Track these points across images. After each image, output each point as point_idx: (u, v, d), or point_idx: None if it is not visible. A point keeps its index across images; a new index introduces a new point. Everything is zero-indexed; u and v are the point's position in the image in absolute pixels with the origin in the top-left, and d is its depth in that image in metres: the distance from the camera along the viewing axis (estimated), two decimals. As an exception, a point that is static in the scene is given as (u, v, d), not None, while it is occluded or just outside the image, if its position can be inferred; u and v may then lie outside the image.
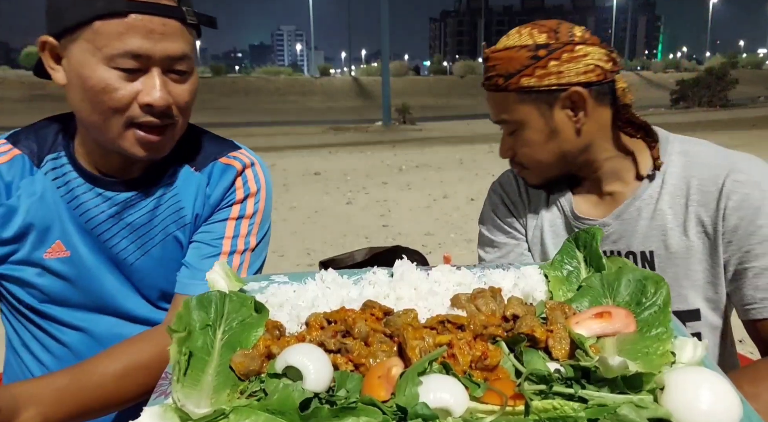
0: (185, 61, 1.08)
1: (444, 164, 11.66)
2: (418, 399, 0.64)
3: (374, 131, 22.92)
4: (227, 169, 1.25)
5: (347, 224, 6.81)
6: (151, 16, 1.01)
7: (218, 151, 1.27)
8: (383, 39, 25.95)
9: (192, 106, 1.15)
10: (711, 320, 1.26)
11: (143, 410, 0.68)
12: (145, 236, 1.21)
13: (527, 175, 1.35)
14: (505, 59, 1.22)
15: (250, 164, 1.27)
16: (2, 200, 1.15)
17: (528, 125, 1.25)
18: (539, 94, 1.22)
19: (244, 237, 1.25)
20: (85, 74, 1.03)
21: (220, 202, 1.24)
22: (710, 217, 1.20)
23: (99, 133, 1.10)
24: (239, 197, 1.25)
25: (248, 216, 1.25)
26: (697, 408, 0.64)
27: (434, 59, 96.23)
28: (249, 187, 1.26)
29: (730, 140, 11.53)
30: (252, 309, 0.85)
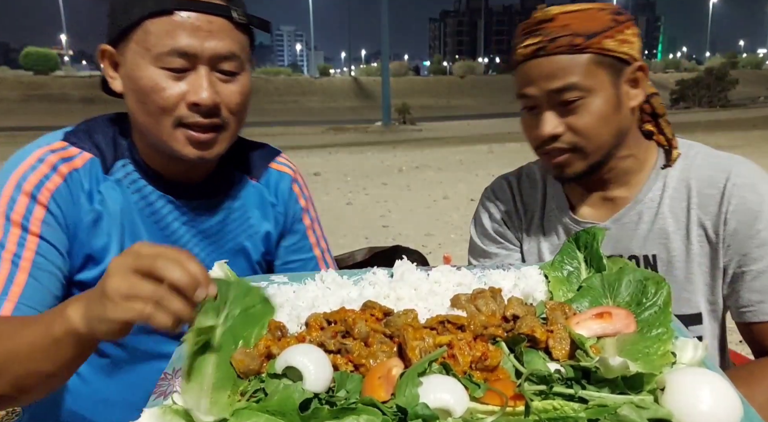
0: (233, 61, 1.07)
1: (444, 165, 11.65)
2: (419, 400, 0.64)
3: (374, 132, 22.92)
4: (282, 176, 1.31)
5: (347, 225, 6.80)
6: (197, 13, 1.02)
7: (266, 156, 1.32)
8: (383, 39, 25.95)
9: (245, 110, 1.14)
10: (711, 323, 1.26)
11: (143, 411, 0.68)
12: (215, 244, 1.21)
13: (569, 161, 1.20)
14: (583, 18, 1.15)
15: (296, 170, 1.36)
16: (89, 205, 1.10)
17: (598, 93, 1.15)
18: (614, 60, 1.15)
19: (321, 238, 1.39)
20: (136, 75, 1.04)
21: (288, 215, 1.31)
22: (711, 221, 1.20)
23: (151, 135, 1.09)
24: (304, 206, 1.34)
25: (314, 219, 1.37)
26: (698, 409, 0.64)
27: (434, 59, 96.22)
28: (305, 193, 1.35)
29: (730, 140, 11.54)
30: (256, 300, 0.84)
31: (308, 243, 1.35)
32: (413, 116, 27.29)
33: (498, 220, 1.42)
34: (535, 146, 1.24)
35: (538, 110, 1.19)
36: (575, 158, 1.20)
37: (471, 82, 56.36)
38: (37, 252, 1.03)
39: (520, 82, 1.21)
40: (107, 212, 1.11)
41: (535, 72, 1.17)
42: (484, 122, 25.44)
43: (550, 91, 1.16)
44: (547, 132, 1.17)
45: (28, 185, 1.05)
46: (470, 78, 58.25)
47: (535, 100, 1.18)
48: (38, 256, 1.03)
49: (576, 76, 1.14)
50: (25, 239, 1.03)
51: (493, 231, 1.42)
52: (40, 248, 1.03)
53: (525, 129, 1.26)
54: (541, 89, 1.16)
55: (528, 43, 1.17)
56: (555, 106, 1.17)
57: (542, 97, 1.17)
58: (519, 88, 1.21)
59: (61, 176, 1.08)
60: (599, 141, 1.18)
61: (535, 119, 1.21)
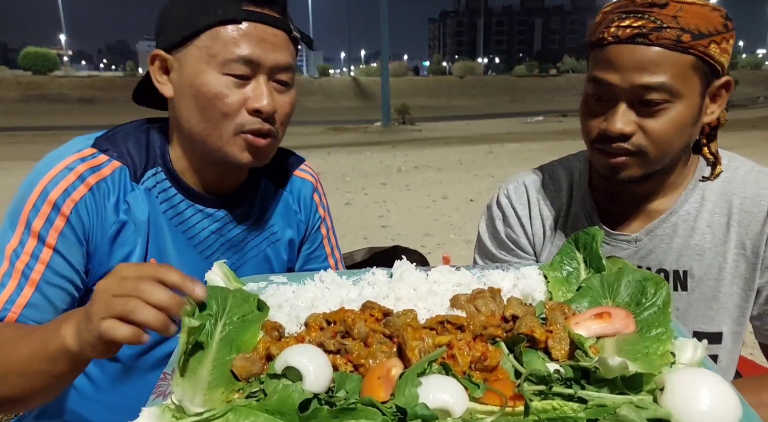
0: (289, 72, 1.11)
1: (443, 165, 11.65)
2: (418, 400, 0.64)
3: (373, 132, 22.91)
4: (304, 184, 1.34)
5: (346, 225, 6.80)
6: (264, 25, 1.06)
7: (292, 164, 1.34)
8: (383, 39, 25.94)
9: (290, 119, 1.17)
10: (731, 343, 1.22)
11: (142, 410, 0.68)
12: (240, 252, 1.23)
13: (628, 164, 1.10)
14: (696, 14, 1.03)
15: (318, 178, 1.38)
16: (115, 216, 1.10)
17: (685, 99, 1.04)
18: (709, 68, 1.05)
19: (336, 248, 1.41)
20: (198, 81, 1.06)
21: (309, 223, 1.34)
22: (752, 240, 1.15)
23: (206, 142, 1.10)
24: (322, 215, 1.37)
25: (330, 228, 1.40)
26: (697, 409, 0.64)
27: (433, 60, 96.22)
28: (324, 202, 1.38)
29: (730, 141, 11.55)
30: (254, 306, 0.85)
31: (324, 253, 1.37)
32: (413, 116, 27.29)
33: (512, 225, 1.34)
34: (593, 138, 1.13)
35: (612, 101, 1.08)
36: (635, 163, 1.10)
37: (470, 83, 56.37)
38: (48, 265, 1.04)
39: (601, 65, 1.08)
40: (132, 221, 1.12)
41: (627, 59, 1.04)
42: (484, 122, 25.44)
43: (636, 86, 1.04)
44: (617, 129, 1.06)
45: (53, 195, 1.05)
46: (469, 78, 58.27)
47: (613, 89, 1.06)
48: (49, 269, 1.04)
49: (670, 77, 1.02)
50: (40, 251, 1.04)
51: (505, 237, 1.34)
52: (52, 260, 1.05)
53: (586, 116, 1.14)
54: (625, 80, 1.04)
55: (628, 23, 1.04)
56: (634, 102, 1.06)
57: (624, 88, 1.05)
58: (597, 71, 1.08)
59: (87, 187, 1.08)
60: (667, 151, 1.09)
61: (603, 110, 1.09)
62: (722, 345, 1.21)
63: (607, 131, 1.08)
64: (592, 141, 1.13)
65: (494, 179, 9.41)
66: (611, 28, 1.06)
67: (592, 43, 1.11)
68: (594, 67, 1.10)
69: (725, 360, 1.23)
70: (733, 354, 1.23)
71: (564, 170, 1.34)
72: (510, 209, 1.34)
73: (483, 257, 1.38)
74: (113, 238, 1.10)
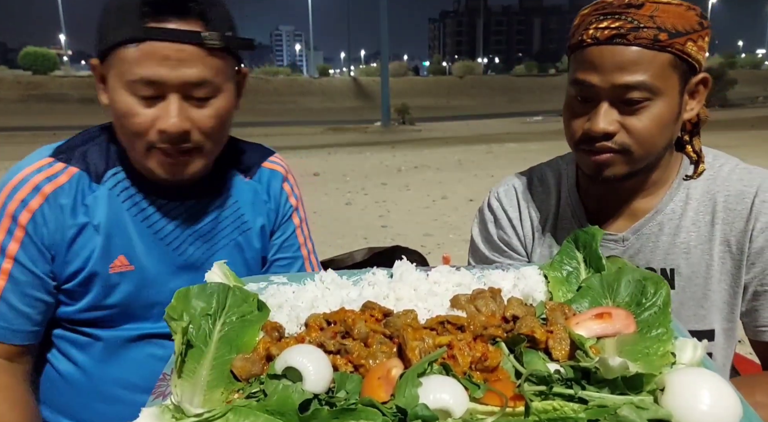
0: (205, 87, 1.07)
1: (443, 165, 11.65)
2: (418, 401, 0.64)
3: (373, 132, 22.91)
4: (274, 174, 1.34)
5: (346, 225, 6.80)
6: (166, 42, 1.03)
7: (260, 156, 1.35)
8: (382, 39, 25.95)
9: (221, 131, 1.15)
10: (724, 340, 1.23)
11: (141, 411, 0.68)
12: (210, 241, 1.24)
13: (613, 162, 1.12)
14: (672, 14, 1.05)
15: (288, 169, 1.38)
16: (72, 220, 1.14)
17: (665, 96, 1.07)
18: (687, 66, 1.08)
19: (309, 239, 1.40)
20: (114, 98, 1.07)
21: (279, 212, 1.33)
22: (736, 237, 1.16)
23: (130, 153, 1.15)
24: (294, 205, 1.36)
25: (303, 219, 1.39)
26: (697, 409, 0.64)
27: (433, 60, 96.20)
28: (296, 192, 1.38)
29: (728, 140, 11.54)
30: (254, 306, 0.85)
31: (297, 242, 1.37)
32: (412, 116, 27.29)
33: (503, 227, 1.35)
34: (577, 139, 1.14)
35: (594, 101, 1.10)
36: (620, 161, 1.12)
37: (470, 83, 56.35)
38: (10, 275, 1.12)
39: (581, 67, 1.10)
40: (92, 223, 1.15)
41: (606, 60, 1.06)
42: (483, 122, 25.44)
43: (616, 85, 1.06)
44: (600, 128, 1.08)
45: (11, 207, 1.12)
46: (469, 78, 58.24)
47: (595, 90, 1.08)
48: (11, 279, 1.12)
49: (649, 75, 1.05)
50: (1, 262, 1.11)
51: (498, 239, 1.36)
52: (14, 270, 1.12)
53: (569, 118, 1.16)
54: (606, 81, 1.06)
55: (606, 25, 1.06)
56: (615, 102, 1.08)
57: (605, 89, 1.07)
58: (578, 73, 1.10)
59: (43, 197, 1.12)
60: (650, 148, 1.11)
61: (585, 110, 1.11)
62: (715, 343, 1.22)
63: (590, 131, 1.10)
64: (577, 142, 1.15)
65: (494, 179, 9.41)
66: (590, 30, 1.08)
67: (572, 45, 1.14)
68: (575, 70, 1.12)
69: (720, 357, 1.24)
70: (727, 352, 1.25)
71: (552, 171, 1.36)
72: (501, 211, 1.36)
73: (477, 260, 1.40)
74: (72, 241, 1.14)
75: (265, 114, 34.05)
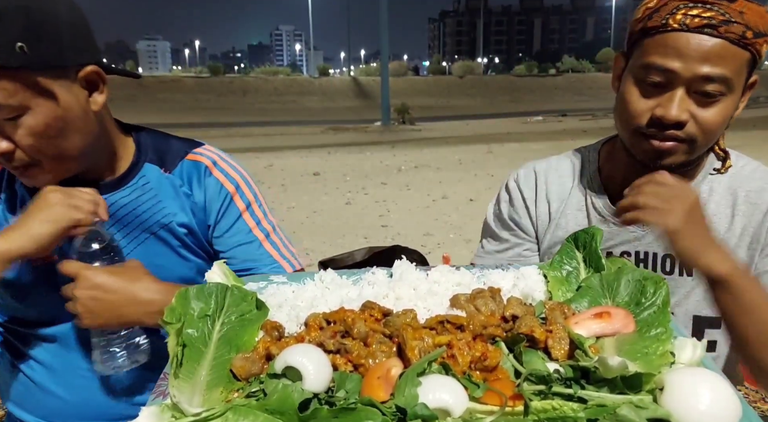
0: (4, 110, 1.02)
1: (443, 165, 11.66)
2: (418, 400, 0.64)
3: (373, 131, 22.92)
4: (196, 166, 1.28)
5: (346, 225, 6.81)
6: None
7: (182, 149, 1.30)
8: (382, 39, 25.95)
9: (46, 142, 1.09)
10: None
11: (141, 410, 0.68)
12: (128, 236, 1.23)
13: (676, 150, 1.11)
14: (757, 14, 1.05)
15: (217, 157, 1.31)
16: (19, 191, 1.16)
17: (735, 93, 1.08)
18: (755, 66, 1.10)
19: (265, 220, 1.34)
20: None
21: (208, 201, 1.27)
22: (754, 228, 1.19)
23: None
24: (231, 190, 1.29)
25: (252, 202, 1.32)
26: (697, 409, 0.64)
27: (433, 59, 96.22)
28: (233, 177, 1.31)
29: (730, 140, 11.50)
30: (253, 305, 0.85)
31: (245, 226, 1.31)
32: (412, 116, 27.29)
33: (517, 208, 1.38)
34: (641, 123, 1.12)
35: (666, 88, 1.08)
36: (682, 150, 1.11)
37: (470, 83, 56.35)
38: None
39: (661, 51, 1.07)
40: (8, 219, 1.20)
41: (693, 48, 1.04)
42: (483, 122, 25.44)
43: (698, 75, 1.05)
44: (674, 116, 1.06)
45: None
46: (469, 78, 58.25)
47: (673, 77, 1.07)
48: None
49: (729, 70, 1.05)
50: None
51: (508, 217, 1.39)
52: None
53: (632, 101, 1.13)
54: (689, 69, 1.05)
55: (697, 12, 1.04)
56: (690, 91, 1.07)
57: (685, 77, 1.06)
58: (655, 56, 1.08)
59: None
60: (711, 141, 1.13)
61: (654, 95, 1.10)
62: (722, 330, 1.23)
63: (663, 118, 1.08)
64: (639, 127, 1.12)
65: (494, 178, 9.41)
66: (677, 15, 1.06)
67: (648, 28, 1.10)
68: (651, 53, 1.09)
69: (723, 345, 1.25)
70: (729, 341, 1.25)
71: (575, 158, 1.37)
72: (517, 191, 1.39)
73: (485, 236, 1.44)
74: None
75: (265, 114, 34.07)
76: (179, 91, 49.32)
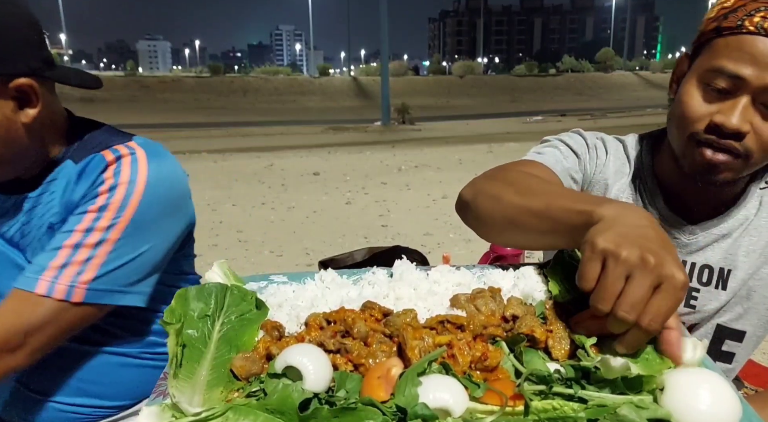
0: None
1: (443, 164, 11.65)
2: (418, 400, 0.64)
3: (373, 131, 22.90)
4: (101, 160, 1.16)
5: (346, 224, 6.81)
6: None
7: (104, 143, 1.20)
8: (382, 39, 25.92)
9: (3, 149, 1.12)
10: (751, 346, 1.22)
11: (141, 409, 0.68)
12: (27, 235, 1.19)
13: (728, 165, 1.03)
14: None
15: (128, 153, 1.17)
16: None
17: None
18: None
19: (101, 231, 1.12)
20: None
21: (82, 197, 1.15)
22: None
23: None
24: (105, 188, 1.13)
25: (113, 208, 1.13)
26: (697, 409, 0.64)
27: (433, 59, 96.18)
28: (119, 178, 1.14)
29: None
30: (252, 305, 0.85)
31: (74, 224, 1.13)
32: (412, 116, 27.27)
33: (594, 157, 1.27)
34: (699, 128, 1.04)
35: (731, 95, 1.00)
36: (735, 166, 1.03)
37: (470, 82, 56.34)
38: None
39: (731, 54, 0.99)
40: None
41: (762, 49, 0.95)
42: (484, 122, 25.43)
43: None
44: (735, 125, 0.98)
45: None
46: (469, 78, 58.25)
47: (741, 83, 0.99)
48: None
49: None
50: None
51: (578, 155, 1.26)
52: None
53: (692, 105, 1.05)
54: (761, 77, 0.96)
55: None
56: (757, 102, 0.99)
57: (755, 86, 0.98)
58: (724, 60, 1.00)
59: None
60: (765, 159, 1.04)
61: (716, 101, 1.02)
62: (742, 345, 1.21)
63: (723, 125, 1.00)
64: (696, 133, 1.04)
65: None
66: (755, 18, 0.97)
67: (721, 27, 1.02)
68: (719, 55, 1.01)
69: (741, 360, 1.23)
70: (748, 355, 1.25)
71: (636, 144, 1.29)
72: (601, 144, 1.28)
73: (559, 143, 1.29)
74: None
75: (266, 113, 34.05)
76: (180, 91, 49.29)
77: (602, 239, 0.73)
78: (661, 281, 0.69)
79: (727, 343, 1.21)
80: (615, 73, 69.41)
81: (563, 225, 0.88)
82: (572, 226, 0.85)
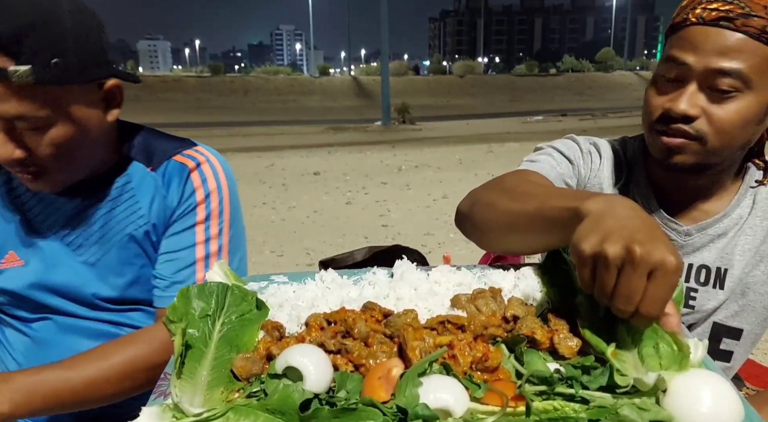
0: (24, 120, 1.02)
1: (443, 164, 11.64)
2: (419, 400, 0.64)
3: (373, 131, 22.90)
4: (181, 167, 1.25)
5: (347, 224, 6.80)
6: None
7: (172, 149, 1.28)
8: (383, 39, 25.91)
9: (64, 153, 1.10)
10: (749, 343, 1.23)
11: (141, 410, 0.68)
12: (104, 237, 1.22)
13: (684, 148, 1.08)
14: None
15: (204, 160, 1.27)
16: None
17: (757, 93, 1.02)
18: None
19: (216, 238, 1.26)
20: None
21: (178, 205, 1.24)
22: None
23: None
24: (200, 199, 1.25)
25: (212, 216, 1.26)
26: (699, 410, 0.63)
27: (434, 59, 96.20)
28: (208, 186, 1.26)
29: None
30: (253, 305, 0.84)
31: (192, 239, 1.24)
32: (413, 116, 27.27)
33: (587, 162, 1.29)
34: (653, 119, 1.10)
35: (682, 82, 1.06)
36: (692, 149, 1.07)
37: (470, 82, 56.34)
38: None
39: (678, 45, 1.06)
40: None
41: (707, 41, 1.02)
42: (484, 122, 25.42)
43: (710, 69, 1.02)
44: (681, 109, 1.04)
45: None
46: (470, 78, 58.24)
47: (686, 71, 1.05)
48: None
49: (747, 66, 1.00)
50: None
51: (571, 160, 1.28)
52: None
53: (651, 97, 1.12)
54: (701, 62, 1.02)
55: (716, 6, 1.02)
56: (704, 86, 1.04)
57: (698, 71, 1.03)
58: (674, 50, 1.06)
59: None
60: (727, 142, 1.06)
61: (670, 90, 1.08)
62: (740, 343, 1.22)
63: (670, 111, 1.06)
64: (653, 122, 1.11)
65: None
66: (697, 10, 1.04)
67: (674, 24, 1.10)
68: (671, 47, 1.08)
69: (740, 358, 1.24)
70: (746, 354, 1.25)
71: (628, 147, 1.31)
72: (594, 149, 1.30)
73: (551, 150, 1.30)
74: None
75: (266, 113, 34.05)
76: (181, 91, 49.32)
77: (587, 245, 0.74)
78: (653, 269, 0.69)
79: (724, 341, 1.21)
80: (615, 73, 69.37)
81: (555, 224, 0.89)
82: (563, 223, 0.86)
